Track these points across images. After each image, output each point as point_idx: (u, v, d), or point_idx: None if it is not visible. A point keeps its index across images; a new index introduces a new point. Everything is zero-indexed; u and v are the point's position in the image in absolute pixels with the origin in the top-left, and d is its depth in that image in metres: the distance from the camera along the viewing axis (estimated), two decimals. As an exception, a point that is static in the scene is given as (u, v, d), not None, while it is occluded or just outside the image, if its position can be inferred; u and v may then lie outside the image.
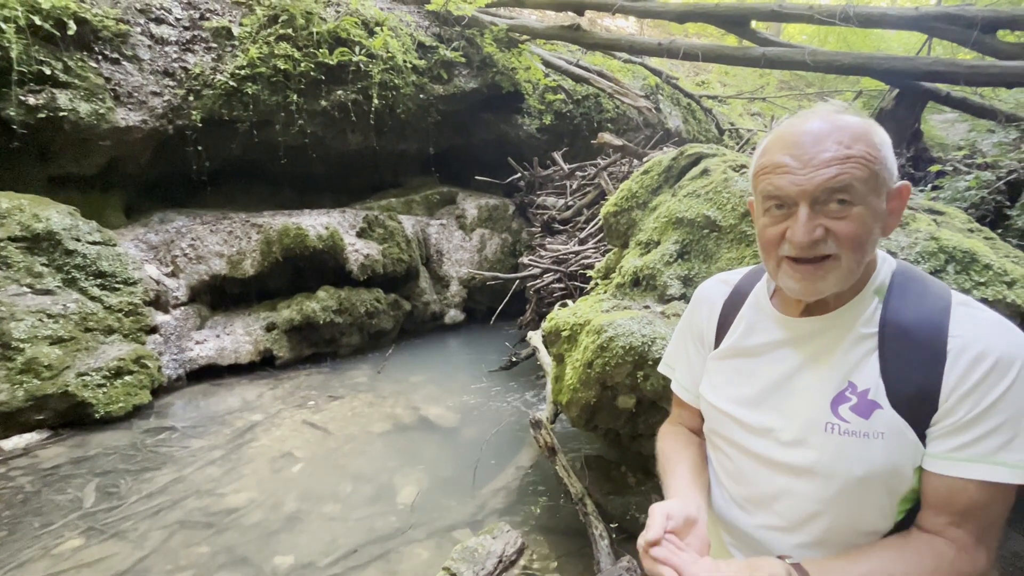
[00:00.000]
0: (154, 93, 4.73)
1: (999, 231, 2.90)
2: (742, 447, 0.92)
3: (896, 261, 0.88)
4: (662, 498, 0.97)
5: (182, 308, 4.63)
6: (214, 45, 5.03)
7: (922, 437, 0.77)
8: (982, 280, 1.70)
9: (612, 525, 2.44)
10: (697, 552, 0.79)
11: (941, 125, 8.07)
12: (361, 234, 5.52)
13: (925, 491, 0.78)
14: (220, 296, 5.02)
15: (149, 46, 4.71)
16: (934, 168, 4.14)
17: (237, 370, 4.66)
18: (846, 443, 0.80)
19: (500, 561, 2.17)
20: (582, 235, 5.03)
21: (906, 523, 0.81)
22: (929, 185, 3.90)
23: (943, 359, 0.75)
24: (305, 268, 5.20)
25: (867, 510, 0.81)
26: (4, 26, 3.86)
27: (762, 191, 0.83)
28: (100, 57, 4.43)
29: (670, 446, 1.09)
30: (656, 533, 0.79)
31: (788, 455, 0.85)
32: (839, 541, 0.83)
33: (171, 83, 4.82)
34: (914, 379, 0.77)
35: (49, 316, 3.63)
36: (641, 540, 0.80)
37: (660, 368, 1.19)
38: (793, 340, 0.89)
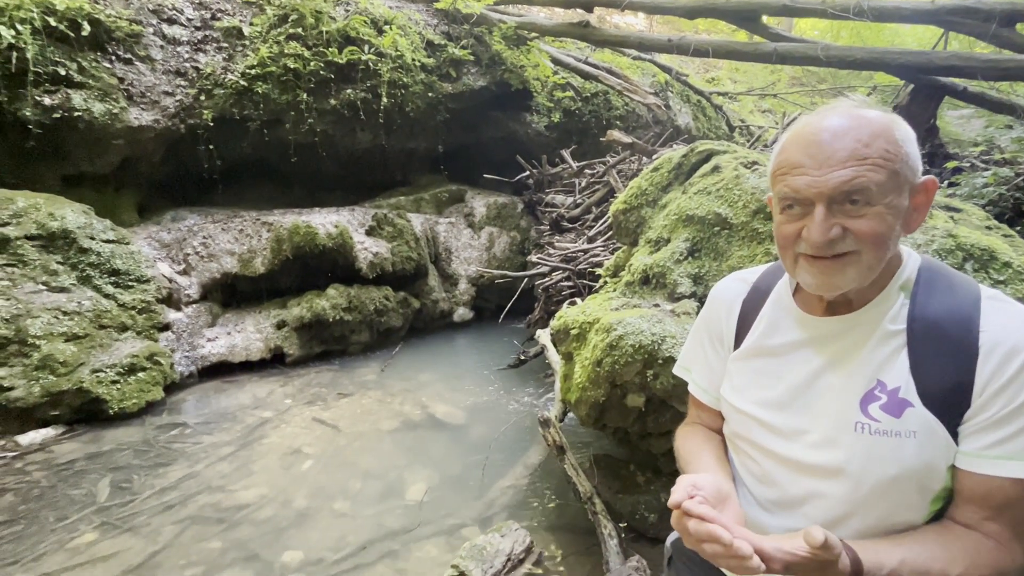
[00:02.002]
0: (166, 93, 4.78)
1: (1018, 228, 2.84)
2: (768, 450, 0.90)
3: (921, 256, 0.87)
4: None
5: (194, 306, 4.67)
6: (225, 45, 5.07)
7: (954, 434, 0.76)
8: (1001, 278, 1.67)
9: (621, 524, 2.43)
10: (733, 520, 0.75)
11: (957, 121, 7.93)
12: (370, 232, 5.54)
13: (959, 488, 0.77)
14: (231, 294, 5.07)
15: (161, 46, 4.76)
16: (950, 165, 4.07)
17: (248, 367, 4.70)
18: (877, 443, 0.78)
19: (508, 559, 2.16)
20: (591, 233, 5.01)
21: (936, 520, 0.81)
22: (946, 182, 3.84)
23: (975, 354, 0.74)
24: (315, 266, 5.23)
25: (898, 509, 0.80)
26: (20, 27, 3.92)
27: (779, 191, 0.83)
28: (113, 57, 4.49)
29: (689, 443, 1.07)
30: (682, 494, 0.74)
31: (817, 457, 0.83)
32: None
33: (183, 83, 4.86)
34: (946, 376, 0.76)
35: (64, 313, 3.69)
36: (671, 504, 0.75)
37: (676, 370, 1.16)
38: (817, 340, 0.87)
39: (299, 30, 5.25)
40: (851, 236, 0.76)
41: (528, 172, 6.68)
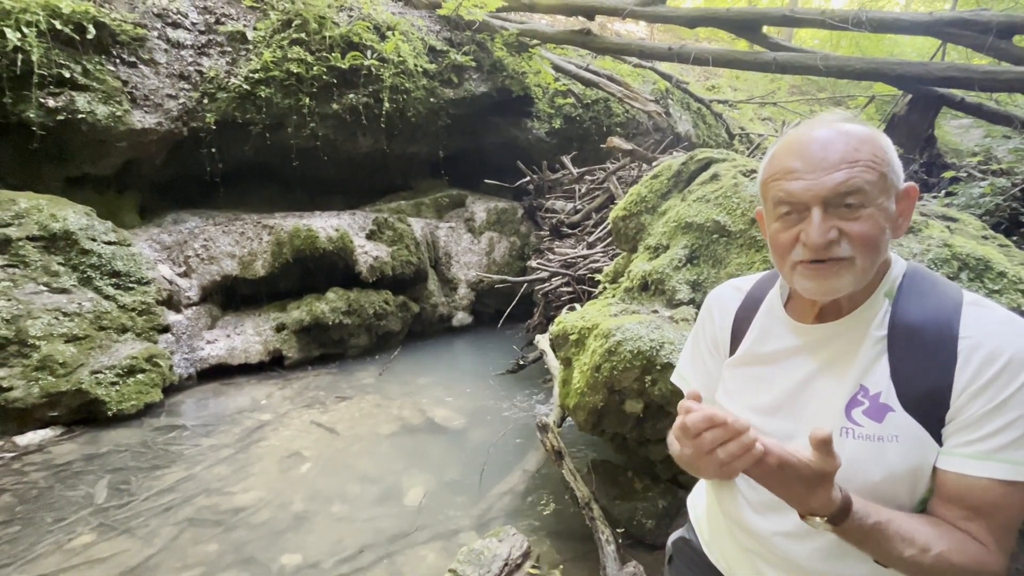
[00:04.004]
0: (169, 96, 4.81)
1: (1014, 238, 2.86)
2: None
3: (907, 263, 0.88)
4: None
5: (194, 308, 4.68)
6: (229, 49, 5.11)
7: (938, 437, 0.77)
8: (996, 288, 1.68)
9: (618, 530, 2.43)
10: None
11: (955, 131, 7.99)
12: (371, 236, 5.56)
13: (937, 487, 0.78)
14: (231, 296, 5.08)
15: (165, 50, 4.80)
16: (948, 174, 4.09)
17: (247, 370, 4.71)
18: (861, 448, 0.79)
19: (506, 564, 2.16)
20: (590, 239, 5.03)
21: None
22: (943, 191, 3.86)
23: (953, 359, 0.75)
24: (315, 269, 5.25)
25: None
26: (26, 30, 3.95)
27: (773, 197, 0.84)
28: (118, 60, 4.52)
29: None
30: (693, 392, 0.75)
31: None
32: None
33: (186, 86, 4.89)
34: (924, 380, 0.77)
35: (65, 314, 3.69)
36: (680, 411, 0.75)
37: (673, 379, 1.17)
38: (807, 346, 0.89)
39: (302, 35, 5.29)
40: (846, 241, 0.77)
41: (529, 178, 6.71)
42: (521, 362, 4.75)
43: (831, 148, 0.78)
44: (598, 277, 3.52)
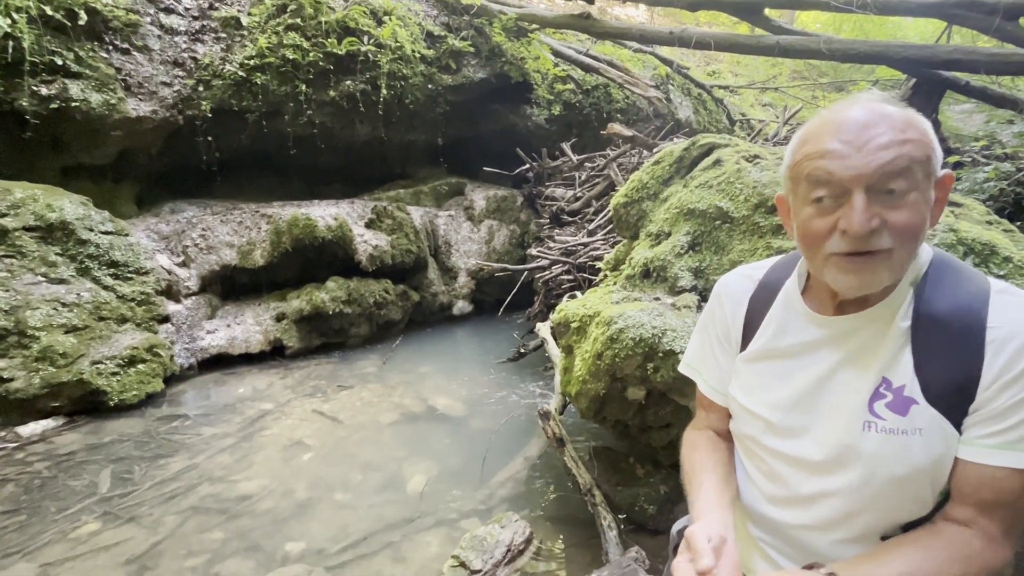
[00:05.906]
0: (164, 83, 4.74)
1: (1018, 223, 2.84)
2: (777, 451, 0.89)
3: (933, 250, 0.84)
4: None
5: (193, 298, 4.67)
6: (223, 35, 5.03)
7: (960, 430, 0.75)
8: (1002, 273, 1.67)
9: (620, 516, 2.45)
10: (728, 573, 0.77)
11: (958, 115, 7.91)
12: (370, 225, 5.53)
13: (955, 479, 0.76)
14: (230, 286, 5.06)
15: (159, 36, 4.72)
16: (952, 159, 4.06)
17: (248, 359, 4.71)
18: (885, 441, 0.78)
19: (509, 550, 2.18)
20: (591, 226, 5.00)
21: (940, 509, 0.81)
22: (946, 176, 3.83)
23: (981, 351, 0.73)
24: (314, 258, 5.22)
25: (907, 504, 0.80)
26: (16, 16, 3.88)
27: (809, 177, 0.76)
28: (111, 47, 4.45)
29: (696, 457, 1.04)
30: (709, 562, 0.76)
31: (826, 456, 0.83)
32: (877, 535, 0.82)
33: (181, 73, 4.82)
34: (950, 373, 0.74)
35: (64, 305, 3.68)
36: (691, 570, 0.77)
37: (683, 369, 1.12)
38: (829, 340, 0.85)
39: (298, 20, 5.20)
40: (886, 231, 0.72)
41: (528, 165, 6.66)
42: (522, 350, 4.75)
43: (874, 128, 0.72)
44: (599, 265, 3.51)
